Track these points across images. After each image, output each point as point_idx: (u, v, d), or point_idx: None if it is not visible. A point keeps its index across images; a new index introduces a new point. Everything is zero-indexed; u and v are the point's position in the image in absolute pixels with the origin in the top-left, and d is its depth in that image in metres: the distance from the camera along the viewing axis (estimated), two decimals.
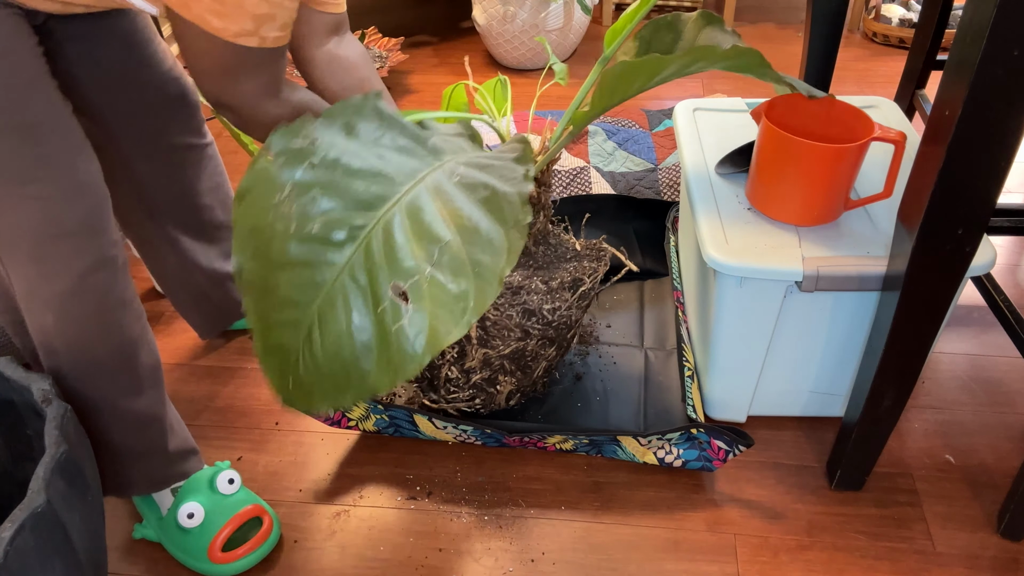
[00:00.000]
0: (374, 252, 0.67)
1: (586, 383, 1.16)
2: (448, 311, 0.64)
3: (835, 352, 0.99)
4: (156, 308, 1.33)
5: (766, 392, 1.05)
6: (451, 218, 0.68)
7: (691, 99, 1.23)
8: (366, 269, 0.66)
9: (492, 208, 0.69)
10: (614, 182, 1.52)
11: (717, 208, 0.98)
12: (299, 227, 0.66)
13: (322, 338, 0.66)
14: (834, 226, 0.94)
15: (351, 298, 0.66)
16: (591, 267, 1.05)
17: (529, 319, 0.99)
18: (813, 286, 0.89)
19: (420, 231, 0.68)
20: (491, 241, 0.66)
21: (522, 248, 0.67)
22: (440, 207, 0.70)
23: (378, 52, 1.99)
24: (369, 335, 0.65)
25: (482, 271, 0.65)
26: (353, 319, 0.65)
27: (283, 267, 0.67)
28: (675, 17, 1.02)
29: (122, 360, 0.86)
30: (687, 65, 0.82)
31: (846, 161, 0.89)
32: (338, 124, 0.76)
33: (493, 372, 1.05)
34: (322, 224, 0.67)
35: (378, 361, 0.65)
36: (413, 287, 0.65)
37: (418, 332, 0.64)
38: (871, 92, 1.90)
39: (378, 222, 0.68)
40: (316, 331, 0.67)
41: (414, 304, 0.64)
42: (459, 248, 0.66)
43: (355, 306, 0.66)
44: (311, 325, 0.67)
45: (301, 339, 0.67)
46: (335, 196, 0.68)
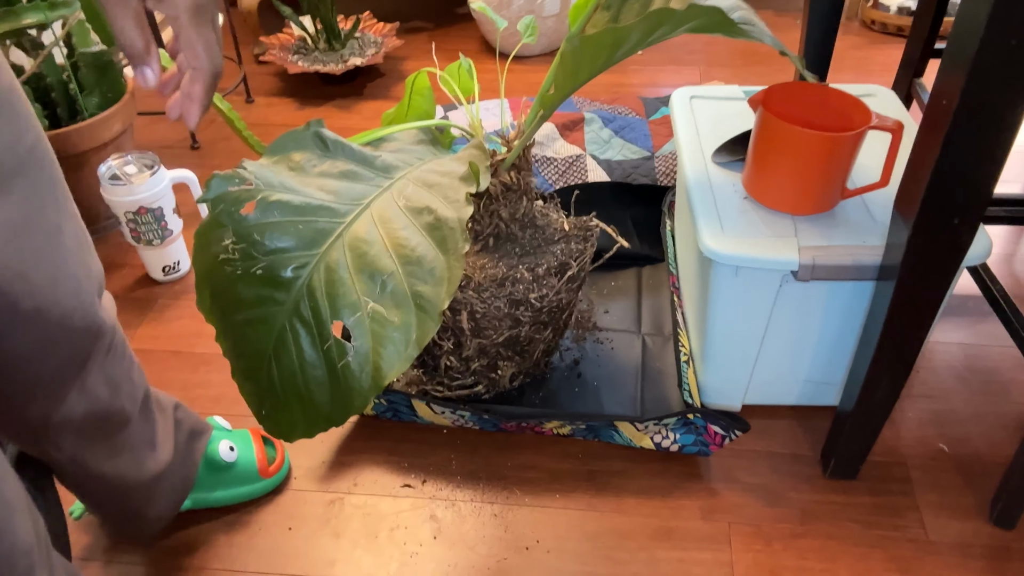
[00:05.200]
0: (317, 290, 0.69)
1: (584, 368, 1.16)
2: (391, 346, 0.67)
3: (830, 341, 0.99)
4: (149, 295, 1.33)
5: (761, 380, 1.05)
6: (394, 248, 0.70)
7: (688, 87, 1.22)
8: (311, 307, 0.69)
9: (435, 235, 0.71)
10: (610, 170, 1.51)
11: (714, 197, 0.98)
12: (245, 270, 0.68)
13: (279, 373, 0.69)
14: (830, 215, 0.94)
15: (300, 336, 0.69)
16: (578, 249, 1.04)
17: (517, 308, 0.99)
18: (809, 275, 0.89)
19: (363, 264, 0.69)
20: (433, 271, 0.68)
21: (459, 279, 0.69)
22: (384, 235, 0.71)
23: (373, 38, 1.98)
24: (321, 371, 0.68)
25: (424, 304, 0.67)
26: (305, 355, 0.69)
27: (237, 307, 0.70)
28: None
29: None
30: (649, 31, 0.81)
31: (843, 150, 0.89)
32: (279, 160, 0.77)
33: (491, 359, 1.05)
34: (266, 267, 0.69)
35: (332, 395, 0.69)
36: (356, 324, 0.67)
37: (363, 368, 0.66)
38: (869, 80, 1.89)
39: (320, 259, 0.70)
40: (273, 366, 0.69)
41: (357, 341, 0.66)
42: (401, 280, 0.68)
43: (304, 344, 0.69)
44: (269, 360, 0.69)
45: (263, 373, 0.69)
46: (277, 236, 0.70)
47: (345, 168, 0.78)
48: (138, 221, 1.24)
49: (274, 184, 0.73)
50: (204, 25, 0.51)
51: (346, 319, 0.69)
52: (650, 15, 0.80)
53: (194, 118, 0.53)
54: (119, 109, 1.37)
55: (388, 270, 0.70)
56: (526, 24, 1.10)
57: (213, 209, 0.70)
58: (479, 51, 2.08)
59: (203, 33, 0.51)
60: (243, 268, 0.70)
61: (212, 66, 0.52)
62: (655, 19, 0.81)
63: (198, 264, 0.72)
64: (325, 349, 0.69)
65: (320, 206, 0.73)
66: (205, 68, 0.51)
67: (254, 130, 1.76)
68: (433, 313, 0.69)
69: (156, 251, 1.30)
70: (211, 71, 0.52)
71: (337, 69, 1.81)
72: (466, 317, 0.98)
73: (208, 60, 0.51)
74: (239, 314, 0.71)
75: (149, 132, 1.75)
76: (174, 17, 0.50)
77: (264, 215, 0.71)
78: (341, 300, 0.69)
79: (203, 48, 0.51)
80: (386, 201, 0.76)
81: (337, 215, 0.74)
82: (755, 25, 0.88)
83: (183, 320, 1.28)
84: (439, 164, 0.83)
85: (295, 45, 1.94)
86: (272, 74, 1.98)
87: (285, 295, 0.70)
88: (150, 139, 1.73)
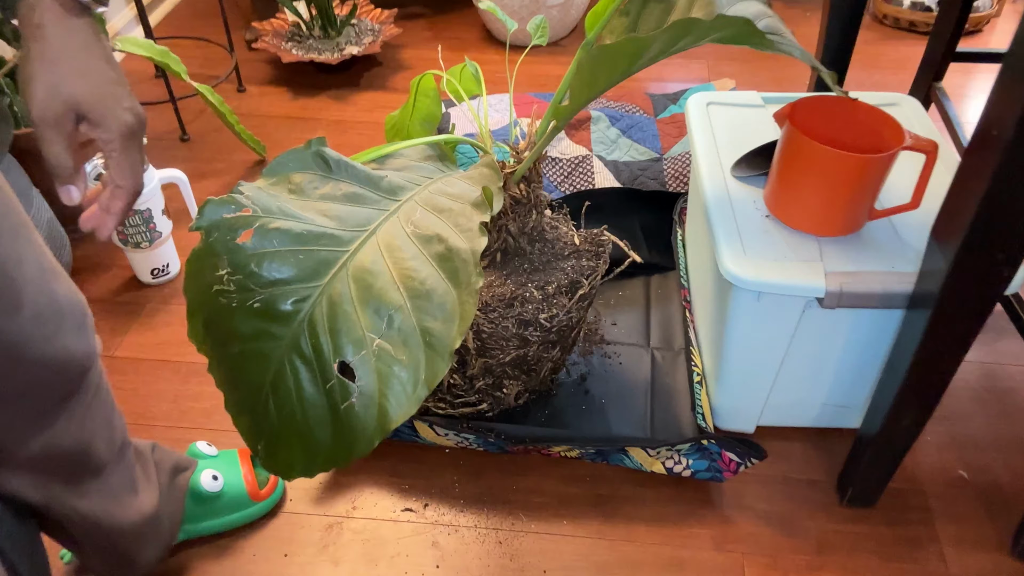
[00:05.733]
0: (318, 325, 0.64)
1: (591, 384, 1.12)
2: (398, 387, 0.62)
3: (852, 365, 0.95)
4: (137, 299, 1.27)
5: (777, 403, 1.01)
6: (402, 280, 0.65)
7: (703, 90, 1.17)
8: (312, 344, 0.64)
9: (446, 267, 0.66)
10: (617, 172, 1.46)
11: (734, 214, 0.93)
12: (241, 303, 0.63)
13: (276, 410, 0.64)
14: (857, 237, 0.90)
15: (300, 372, 0.64)
16: (590, 266, 1.00)
17: (526, 328, 0.94)
18: (835, 303, 0.84)
19: (368, 296, 0.64)
20: (443, 306, 0.64)
21: (473, 315, 0.64)
22: (391, 266, 0.66)
23: (370, 25, 1.91)
24: (322, 408, 0.64)
25: (433, 341, 0.62)
26: (304, 392, 0.64)
27: (232, 340, 0.65)
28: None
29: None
30: (671, 42, 0.77)
31: (874, 172, 0.84)
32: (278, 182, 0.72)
33: (496, 378, 1.01)
34: (264, 300, 0.64)
35: (334, 436, 0.64)
36: (360, 362, 0.62)
37: (367, 410, 0.62)
38: (880, 78, 1.84)
39: (322, 292, 0.65)
40: (271, 402, 0.64)
41: (361, 380, 0.61)
42: (409, 315, 0.63)
43: (304, 380, 0.64)
44: (266, 395, 0.64)
45: (260, 407, 0.64)
46: (276, 267, 0.65)
47: (349, 190, 0.73)
48: (125, 223, 1.18)
49: (272, 210, 0.68)
50: (134, 149, 0.54)
51: (350, 356, 0.64)
52: (674, 25, 0.75)
53: (108, 230, 0.56)
54: None
55: (395, 304, 0.65)
56: (536, 24, 1.04)
57: (207, 237, 0.65)
58: (480, 39, 2.01)
59: (131, 156, 0.54)
60: (239, 300, 0.65)
61: (135, 185, 0.55)
62: (679, 29, 0.76)
63: (190, 292, 0.67)
64: (327, 388, 0.64)
65: (322, 233, 0.68)
66: (129, 187, 0.55)
67: (246, 121, 1.69)
68: (443, 352, 0.64)
69: (144, 253, 1.24)
70: (133, 190, 0.56)
71: (333, 59, 1.75)
72: (471, 337, 0.94)
73: (133, 180, 0.55)
74: (234, 347, 0.67)
75: None
76: (108, 140, 0.53)
77: (262, 244, 0.66)
78: (344, 336, 0.65)
79: (130, 169, 0.54)
80: (393, 227, 0.71)
81: (340, 243, 0.69)
82: (783, 36, 0.84)
83: (173, 326, 1.23)
84: (449, 184, 0.77)
85: (289, 32, 1.87)
86: (265, 61, 1.91)
87: (284, 329, 0.65)
88: None
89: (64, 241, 1.24)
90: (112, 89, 0.53)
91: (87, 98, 0.52)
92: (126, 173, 0.54)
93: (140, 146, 0.55)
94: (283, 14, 1.91)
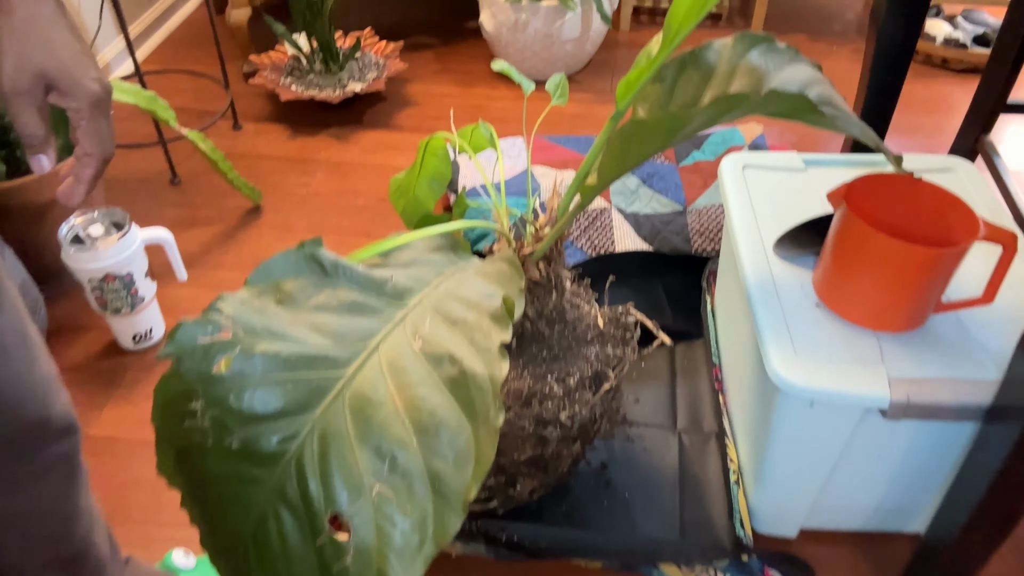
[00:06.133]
0: (308, 467, 0.54)
1: (613, 473, 1.02)
2: (401, 542, 0.52)
3: (912, 471, 0.85)
4: (117, 366, 1.17)
5: (824, 506, 0.91)
6: (408, 410, 0.55)
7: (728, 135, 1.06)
8: (300, 490, 0.54)
9: (459, 394, 0.56)
10: (638, 225, 1.36)
11: (780, 302, 0.83)
12: (216, 441, 0.54)
13: (258, 562, 0.53)
14: (920, 334, 0.79)
15: (285, 524, 0.54)
16: (616, 356, 0.90)
17: (545, 428, 0.84)
18: (901, 414, 0.74)
19: (368, 432, 0.54)
20: (455, 443, 0.54)
21: (492, 457, 0.53)
22: (395, 392, 0.56)
23: (374, 59, 1.81)
24: (311, 566, 0.52)
25: (443, 488, 0.52)
26: (290, 548, 0.54)
27: (207, 482, 0.55)
28: (705, 48, 0.84)
29: None
30: (714, 119, 0.67)
31: (944, 267, 0.74)
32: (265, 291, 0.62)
33: (509, 476, 0.91)
34: (244, 438, 0.54)
35: None
36: (357, 512, 0.52)
37: (363, 571, 0.51)
38: (912, 119, 1.74)
39: (313, 428, 0.55)
40: (251, 552, 0.53)
41: (358, 535, 0.51)
42: (415, 454, 0.53)
43: (290, 533, 0.54)
44: (247, 545, 0.54)
45: (239, 556, 0.54)
46: (259, 398, 0.55)
47: (348, 298, 0.63)
48: (104, 289, 1.08)
49: (257, 329, 0.57)
50: (103, 116, 0.55)
51: (344, 505, 0.54)
52: (719, 101, 0.66)
53: (78, 197, 0.57)
54: None
55: (399, 441, 0.55)
56: (556, 84, 0.94)
57: (177, 365, 0.55)
58: (490, 72, 1.92)
59: (100, 124, 0.55)
60: (215, 439, 0.55)
61: (104, 153, 0.56)
62: (724, 105, 0.66)
63: (158, 423, 0.57)
64: (318, 547, 0.54)
65: (315, 356, 0.58)
66: (98, 154, 0.56)
67: (241, 161, 1.60)
68: (455, 502, 0.54)
69: (126, 319, 1.14)
70: (103, 157, 0.56)
71: (334, 96, 1.65)
72: None
73: (101, 147, 0.56)
74: (210, 489, 0.57)
75: (123, 164, 1.58)
76: (76, 109, 0.54)
77: (243, 371, 0.56)
78: (339, 481, 0.54)
79: (98, 137, 0.55)
80: (398, 341, 0.61)
81: (337, 365, 0.58)
82: (839, 108, 0.74)
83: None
84: (463, 284, 0.67)
85: (288, 65, 1.77)
86: (262, 95, 1.81)
87: (268, 472, 0.55)
88: (124, 171, 1.57)
89: (39, 302, 1.14)
90: (80, 59, 0.54)
91: (56, 69, 0.53)
92: (95, 140, 0.55)
93: (107, 115, 0.56)
94: (282, 46, 1.81)
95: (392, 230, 1.43)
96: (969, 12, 1.94)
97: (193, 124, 1.68)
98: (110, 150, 0.57)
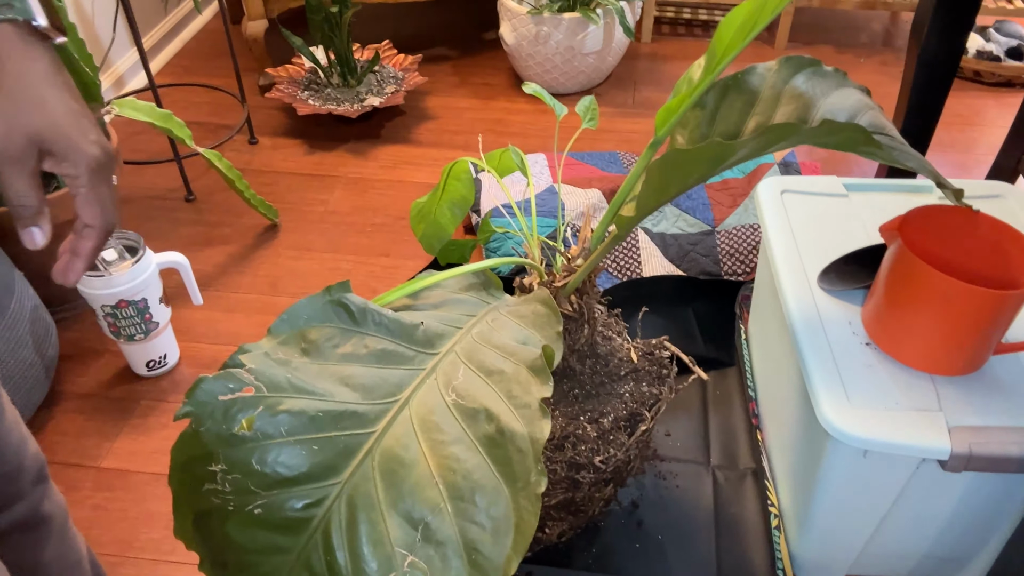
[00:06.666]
0: (334, 535, 0.50)
1: (644, 513, 0.97)
2: None
3: (967, 520, 0.80)
4: (130, 393, 1.14)
5: (870, 553, 0.86)
6: (440, 471, 0.51)
7: (775, 174, 1.02)
8: (327, 561, 0.50)
9: (496, 455, 0.52)
10: (665, 246, 1.32)
11: (828, 342, 0.78)
12: (238, 507, 0.50)
13: None
14: (980, 377, 0.75)
15: None
16: (652, 394, 0.85)
17: (578, 472, 0.80)
18: (963, 466, 0.69)
19: (398, 496, 0.51)
20: (492, 511, 0.50)
21: (535, 527, 0.50)
22: (427, 451, 0.52)
23: (393, 72, 1.77)
24: None
25: (481, 560, 0.49)
26: None
27: (228, 550, 0.50)
28: (748, 72, 0.80)
29: None
30: (763, 148, 0.63)
31: (1008, 308, 0.69)
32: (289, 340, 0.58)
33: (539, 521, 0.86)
34: (268, 504, 0.50)
35: None
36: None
37: None
38: (943, 132, 1.69)
39: (340, 492, 0.51)
40: None
41: None
42: (450, 521, 0.49)
43: None
44: None
45: None
46: (284, 461, 0.51)
47: (376, 346, 0.59)
48: (117, 315, 1.05)
49: (281, 384, 0.54)
50: (103, 184, 0.50)
51: None
52: (768, 131, 0.62)
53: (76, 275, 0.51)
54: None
55: (432, 505, 0.51)
56: (586, 107, 0.90)
57: (197, 425, 0.51)
58: (510, 84, 1.88)
59: (100, 192, 0.49)
60: (236, 504, 0.51)
61: (106, 224, 0.50)
62: (775, 135, 0.62)
63: (176, 486, 0.53)
64: None
65: (343, 411, 0.54)
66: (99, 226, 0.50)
67: (257, 177, 1.56)
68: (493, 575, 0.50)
69: (139, 345, 1.11)
70: (104, 228, 0.50)
71: (352, 111, 1.61)
72: None
73: (103, 218, 0.50)
74: (229, 556, 0.53)
75: (137, 180, 1.55)
76: (74, 176, 0.48)
77: (267, 431, 0.52)
78: (367, 552, 0.50)
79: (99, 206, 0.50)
80: (430, 395, 0.57)
81: (365, 422, 0.54)
82: (893, 138, 0.69)
83: (169, 429, 1.09)
84: (498, 328, 0.63)
85: (305, 79, 1.74)
86: (278, 109, 1.78)
87: (293, 541, 0.51)
88: (138, 188, 1.53)
89: (50, 328, 1.11)
90: (76, 121, 0.49)
91: (50, 131, 0.48)
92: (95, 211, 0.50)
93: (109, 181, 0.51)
94: (300, 59, 1.78)
95: (410, 251, 1.39)
96: (1001, 24, 1.88)
97: (208, 138, 1.66)
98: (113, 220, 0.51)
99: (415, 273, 1.33)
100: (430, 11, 2.18)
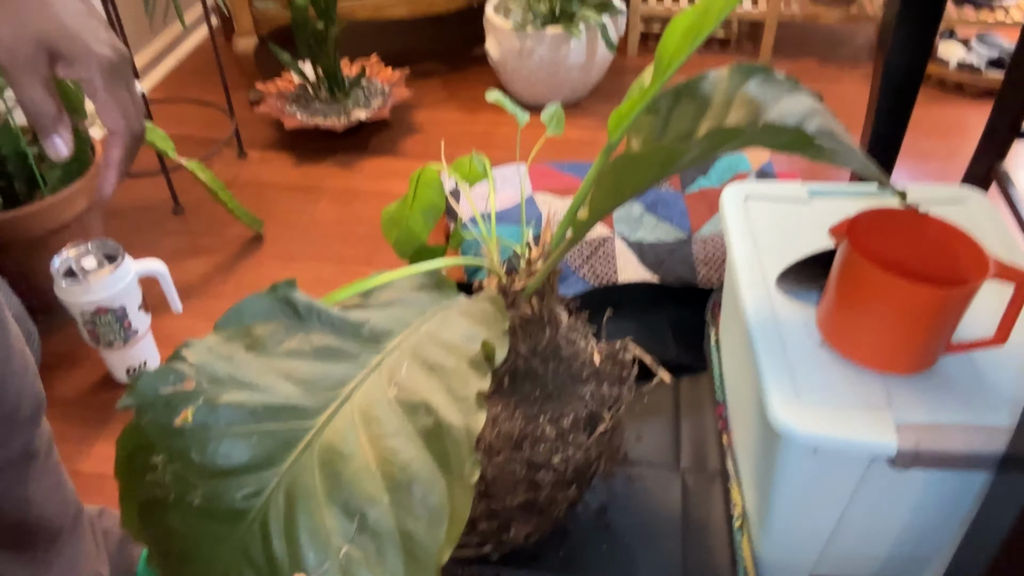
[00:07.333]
0: (272, 525, 0.51)
1: (613, 516, 0.98)
2: None
3: (923, 521, 0.80)
4: (111, 400, 1.15)
5: (833, 554, 0.86)
6: (380, 463, 0.52)
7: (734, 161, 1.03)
8: (264, 551, 0.51)
9: (434, 447, 0.53)
10: (641, 253, 1.33)
11: (782, 341, 0.79)
12: (178, 497, 0.51)
13: None
14: (929, 376, 0.76)
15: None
16: (611, 395, 0.87)
17: (537, 472, 0.81)
18: (910, 462, 0.70)
19: (336, 487, 0.52)
20: (428, 500, 0.51)
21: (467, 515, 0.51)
22: (367, 444, 0.54)
23: (380, 86, 1.80)
24: None
25: (415, 549, 0.50)
26: None
27: (171, 538, 0.52)
28: (701, 79, 0.81)
29: None
30: (708, 151, 0.65)
31: (953, 307, 0.70)
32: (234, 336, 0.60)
33: (503, 521, 0.87)
34: (206, 494, 0.51)
35: None
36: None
37: None
38: (925, 142, 1.70)
39: (279, 483, 0.52)
40: None
41: None
42: (386, 512, 0.51)
43: None
44: None
45: None
46: (223, 452, 0.53)
47: (321, 343, 0.60)
48: (96, 322, 1.07)
49: (222, 378, 0.55)
50: (120, 87, 0.49)
51: (311, 568, 0.51)
52: (713, 135, 0.63)
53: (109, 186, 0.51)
54: (85, 183, 1.20)
55: (370, 497, 0.52)
56: (551, 114, 0.92)
57: (139, 417, 0.53)
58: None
59: (119, 95, 0.49)
60: (176, 495, 0.53)
61: (131, 127, 0.49)
62: (718, 138, 0.64)
63: (121, 477, 0.55)
64: None
65: (284, 405, 0.56)
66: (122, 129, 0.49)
67: (245, 190, 1.59)
68: (428, 565, 0.51)
69: (119, 352, 1.12)
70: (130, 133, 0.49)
71: (339, 125, 1.64)
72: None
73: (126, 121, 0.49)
74: (172, 545, 0.54)
75: (126, 193, 1.58)
76: (88, 80, 0.48)
77: (207, 423, 0.53)
78: (305, 541, 0.52)
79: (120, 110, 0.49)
80: (373, 389, 0.58)
81: (306, 415, 0.56)
82: (839, 141, 0.71)
83: None
84: (445, 326, 0.65)
85: (294, 93, 1.77)
86: (268, 123, 1.81)
87: (231, 530, 0.53)
88: (127, 200, 1.56)
89: (33, 335, 1.13)
90: (84, 21, 0.48)
91: (58, 32, 0.46)
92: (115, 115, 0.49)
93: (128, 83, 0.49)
94: (289, 74, 1.81)
95: (393, 259, 1.41)
96: (983, 35, 1.90)
97: (199, 152, 1.69)
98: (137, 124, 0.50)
99: None
100: (420, 27, 2.21)
